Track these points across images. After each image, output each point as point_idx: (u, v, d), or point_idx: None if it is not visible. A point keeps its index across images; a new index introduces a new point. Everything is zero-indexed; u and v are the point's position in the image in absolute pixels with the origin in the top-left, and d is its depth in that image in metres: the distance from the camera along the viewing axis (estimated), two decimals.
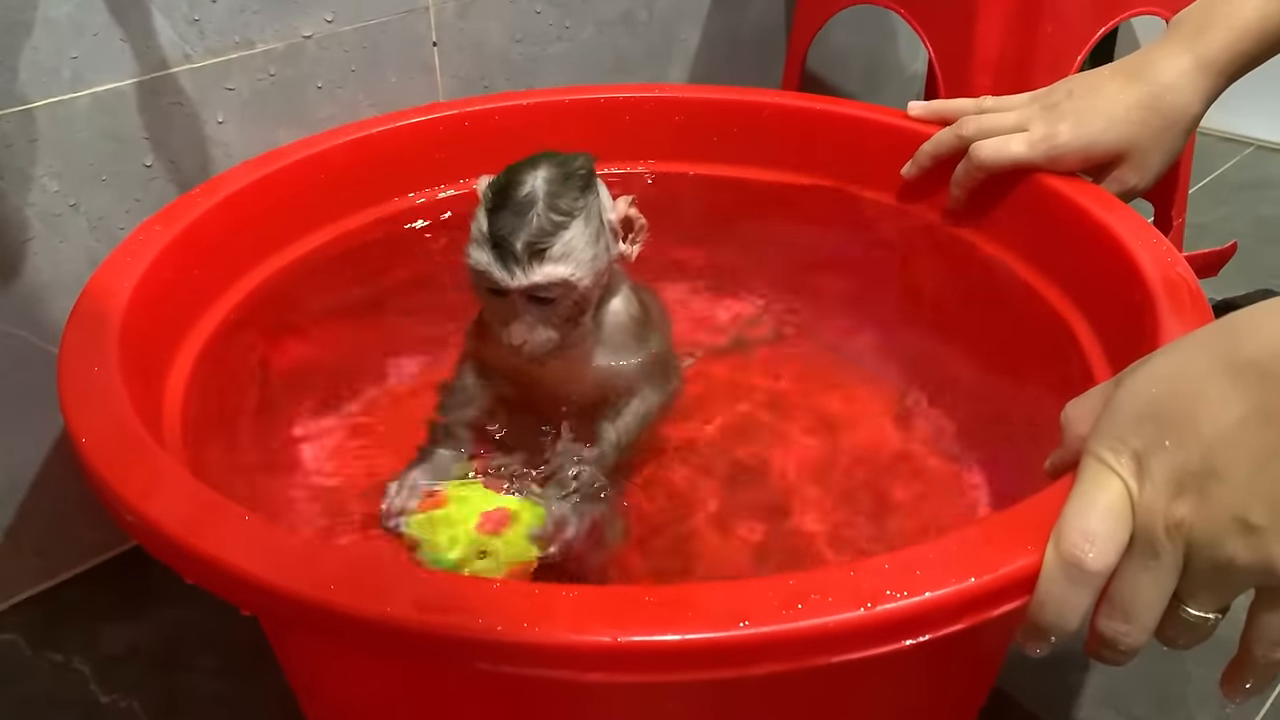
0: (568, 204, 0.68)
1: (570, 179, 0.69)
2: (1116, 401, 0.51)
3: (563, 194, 0.68)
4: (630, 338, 0.77)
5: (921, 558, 0.49)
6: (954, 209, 0.88)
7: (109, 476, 0.55)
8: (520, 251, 0.67)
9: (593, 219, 0.70)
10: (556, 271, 0.67)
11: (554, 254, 0.67)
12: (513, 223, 0.67)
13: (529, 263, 0.67)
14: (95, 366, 0.64)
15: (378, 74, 0.97)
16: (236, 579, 0.49)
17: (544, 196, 0.67)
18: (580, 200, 0.69)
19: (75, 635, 0.86)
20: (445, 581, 0.48)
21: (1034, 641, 0.51)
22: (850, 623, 0.46)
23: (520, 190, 0.68)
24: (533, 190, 0.68)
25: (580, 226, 0.69)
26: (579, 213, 0.69)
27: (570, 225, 0.68)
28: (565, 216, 0.68)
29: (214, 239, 0.80)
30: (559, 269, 0.68)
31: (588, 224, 0.69)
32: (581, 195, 0.69)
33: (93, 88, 0.80)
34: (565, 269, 0.68)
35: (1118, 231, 0.75)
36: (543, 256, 0.67)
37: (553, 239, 0.67)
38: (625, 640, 0.45)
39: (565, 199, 0.68)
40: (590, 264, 0.69)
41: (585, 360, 0.76)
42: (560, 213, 0.68)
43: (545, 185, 0.68)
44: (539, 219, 0.67)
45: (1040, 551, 0.49)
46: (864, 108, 0.96)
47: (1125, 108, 0.79)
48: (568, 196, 0.68)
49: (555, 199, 0.68)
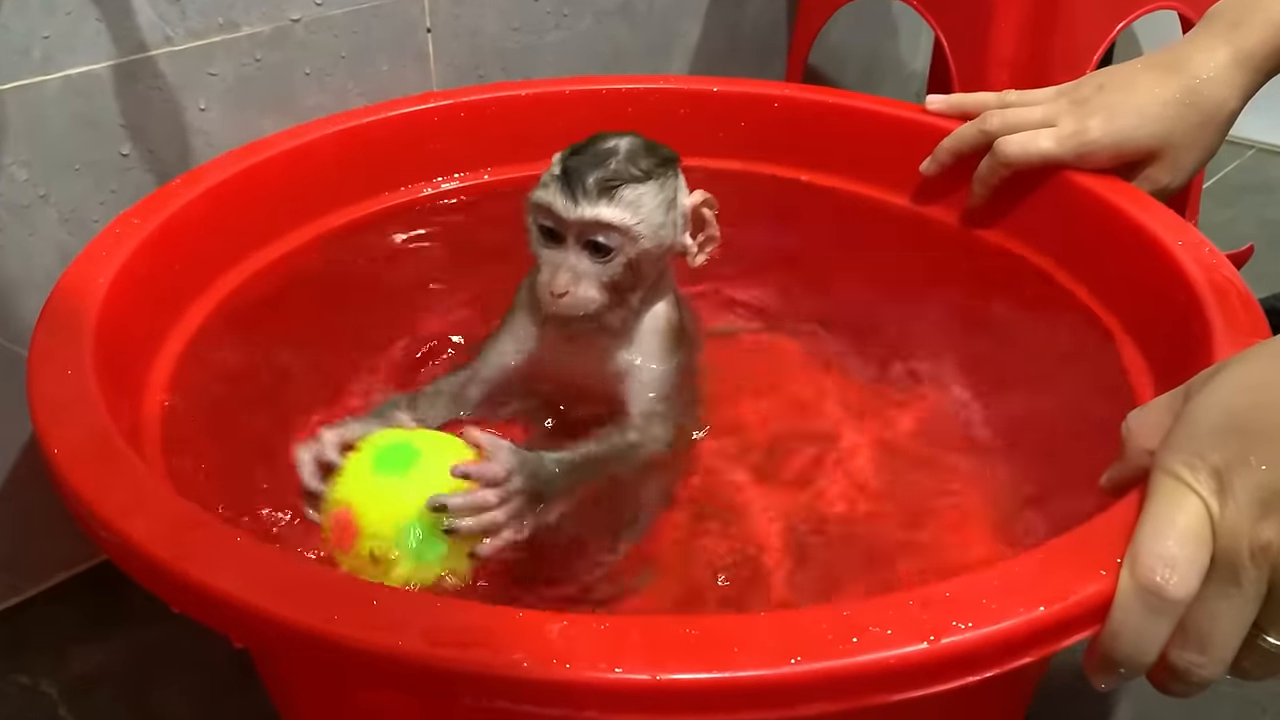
0: (647, 164, 0.67)
1: (654, 150, 0.68)
2: (1191, 413, 0.47)
3: (644, 156, 0.67)
4: (663, 345, 0.73)
5: (986, 585, 0.45)
6: (976, 207, 0.85)
7: (86, 493, 0.50)
8: (590, 184, 0.65)
9: (668, 190, 0.68)
10: (621, 214, 0.65)
11: (624, 196, 0.65)
12: (589, 161, 0.66)
13: (596, 196, 0.65)
14: (68, 370, 0.59)
15: (369, 61, 0.92)
16: (229, 608, 0.44)
17: (626, 151, 0.66)
18: (660, 169, 0.67)
19: (43, 656, 0.81)
20: (461, 611, 0.44)
21: (1104, 675, 0.47)
22: (913, 658, 0.42)
23: (605, 143, 0.67)
24: (615, 146, 0.67)
25: (655, 188, 0.67)
26: (657, 176, 0.67)
27: (646, 182, 0.66)
28: (643, 173, 0.66)
29: (195, 233, 0.75)
30: (625, 213, 0.65)
31: (662, 190, 0.67)
32: (662, 167, 0.68)
33: (65, 70, 0.75)
34: (631, 216, 0.65)
35: (1157, 232, 0.72)
36: (612, 195, 0.65)
37: (625, 184, 0.65)
38: (665, 678, 0.41)
39: (646, 160, 0.67)
40: (656, 228, 0.67)
41: (608, 353, 0.72)
42: (639, 169, 0.66)
43: (629, 145, 0.67)
44: (617, 164, 0.66)
45: (1113, 576, 0.45)
46: (879, 101, 0.92)
47: (1160, 103, 0.76)
48: (649, 159, 0.67)
49: (637, 156, 0.67)
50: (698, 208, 0.70)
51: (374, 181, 0.89)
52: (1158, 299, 0.69)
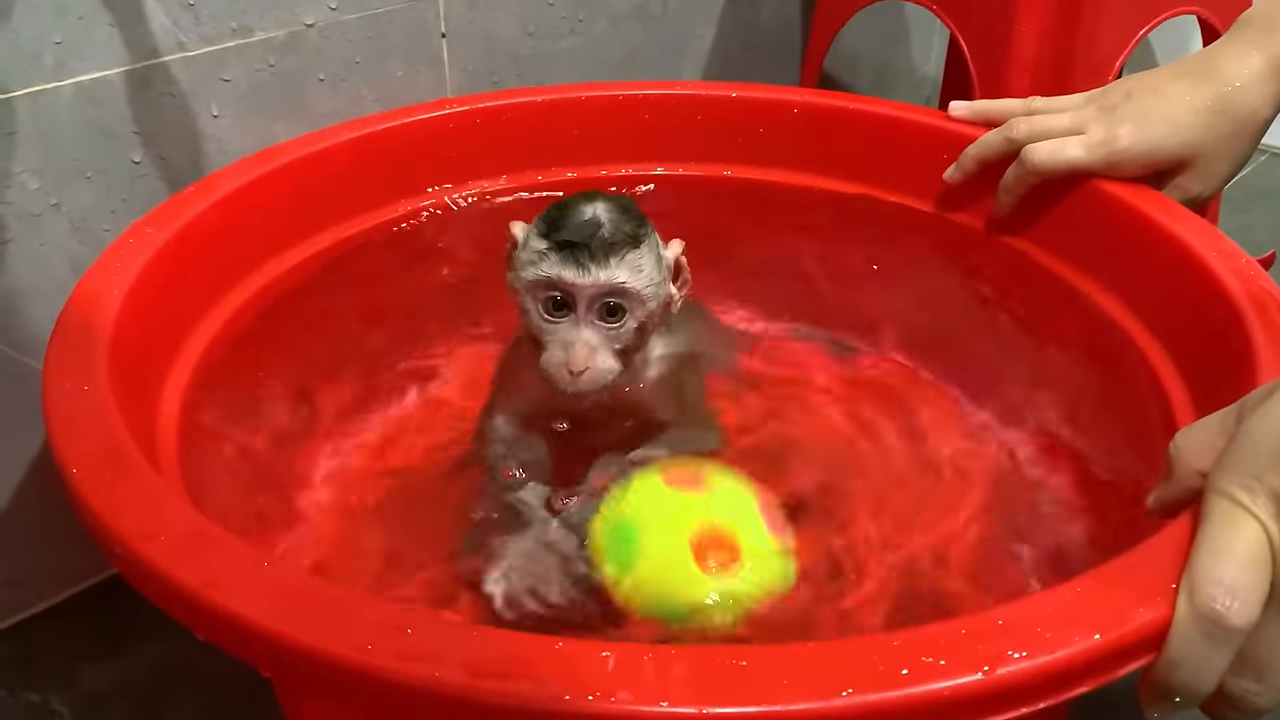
0: (633, 227, 0.66)
1: (628, 210, 0.67)
2: (1248, 433, 0.46)
3: (626, 219, 0.66)
4: (669, 389, 0.73)
5: (1039, 612, 0.44)
6: (1001, 216, 0.83)
7: (105, 514, 0.48)
8: (595, 249, 0.64)
9: (654, 247, 0.68)
10: (631, 275, 0.65)
11: (628, 260, 0.65)
12: (580, 229, 0.65)
13: (605, 260, 0.64)
14: (84, 385, 0.57)
15: (383, 66, 0.91)
16: (257, 637, 0.43)
17: (608, 217, 0.65)
18: (643, 229, 0.67)
19: (53, 673, 0.79)
20: (501, 641, 0.42)
21: (1159, 705, 0.46)
22: (967, 689, 0.41)
23: (582, 213, 0.65)
24: (595, 214, 0.65)
25: (647, 248, 0.67)
26: (644, 237, 0.67)
27: (640, 244, 0.66)
28: (633, 235, 0.66)
29: (210, 242, 0.74)
30: (633, 274, 0.65)
31: (651, 249, 0.68)
32: (642, 226, 0.67)
33: (77, 76, 0.74)
34: (637, 278, 0.65)
35: (1191, 243, 0.70)
36: (621, 257, 0.65)
37: (626, 245, 0.65)
38: (712, 712, 0.40)
39: (629, 224, 0.66)
40: (657, 285, 0.67)
41: (624, 408, 0.71)
42: (628, 232, 0.66)
43: (606, 212, 0.66)
44: (612, 229, 0.65)
45: (1170, 602, 0.44)
46: (901, 108, 0.91)
47: (1192, 111, 0.75)
48: (631, 222, 0.66)
49: (621, 221, 0.66)
50: (678, 258, 0.70)
51: (389, 188, 0.88)
52: (1193, 312, 0.68)
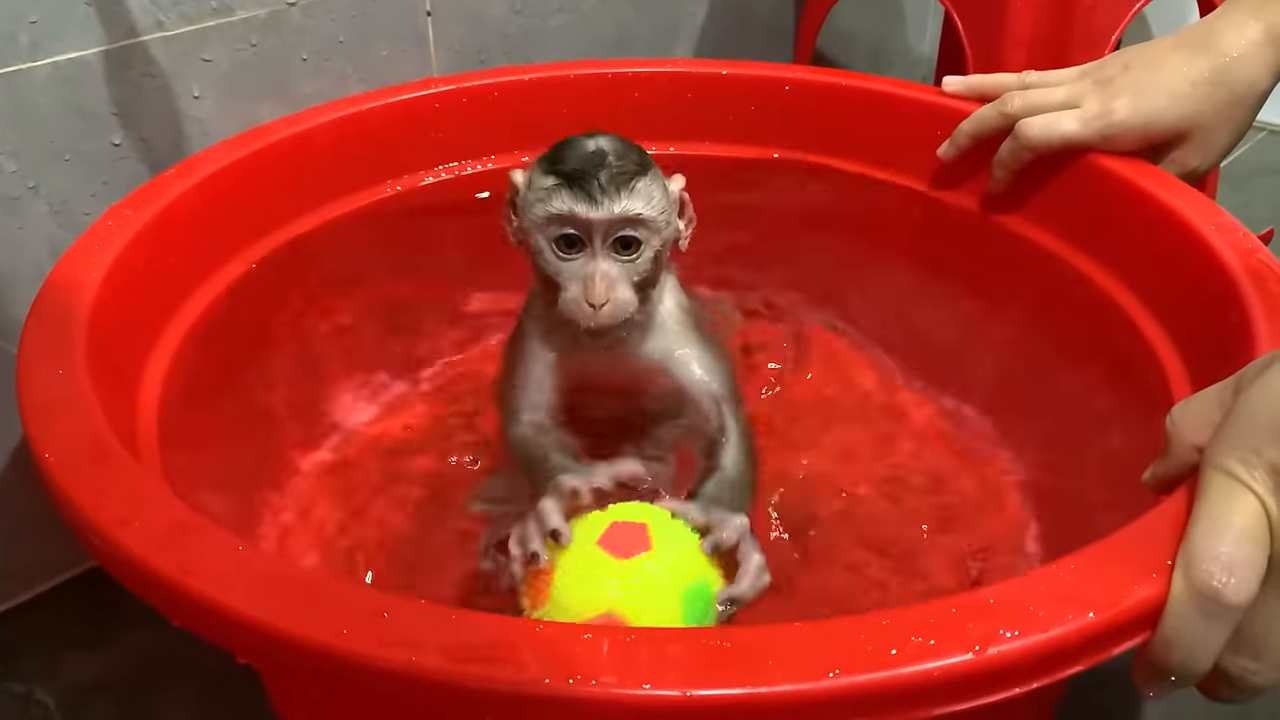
0: (637, 159, 0.65)
1: (629, 144, 0.66)
2: (1246, 407, 0.45)
3: (630, 151, 0.65)
4: (683, 329, 0.71)
5: (1032, 591, 0.43)
6: (996, 193, 0.82)
7: (79, 500, 0.47)
8: (605, 182, 0.63)
9: (660, 179, 0.67)
10: (643, 205, 0.63)
11: (639, 188, 0.64)
12: (588, 162, 0.63)
13: (616, 192, 0.63)
14: (59, 369, 0.56)
15: (367, 46, 0.89)
16: (231, 623, 0.42)
17: (612, 151, 0.64)
18: (645, 160, 0.66)
19: (37, 664, 0.78)
20: (481, 625, 0.41)
21: (1154, 683, 0.45)
22: (957, 669, 0.40)
23: (586, 147, 0.65)
24: (599, 147, 0.64)
25: (655, 177, 0.66)
26: (650, 166, 0.66)
27: (646, 173, 0.65)
28: (639, 167, 0.64)
29: (191, 225, 0.73)
30: (645, 204, 0.64)
31: (656, 180, 0.66)
32: (645, 155, 0.66)
33: (53, 56, 0.72)
34: (650, 207, 0.64)
35: (1188, 217, 0.69)
36: (631, 188, 0.63)
37: (635, 176, 0.64)
38: (697, 694, 0.39)
39: (634, 154, 0.65)
40: (668, 216, 0.66)
41: (636, 352, 0.70)
42: (633, 163, 0.64)
43: (610, 144, 0.65)
44: (620, 161, 0.64)
45: (1165, 579, 0.43)
46: (894, 84, 0.89)
47: (1189, 82, 0.73)
48: (635, 152, 0.65)
49: (625, 153, 0.65)
50: (681, 192, 0.69)
51: (375, 170, 0.86)
52: (1190, 286, 0.67)
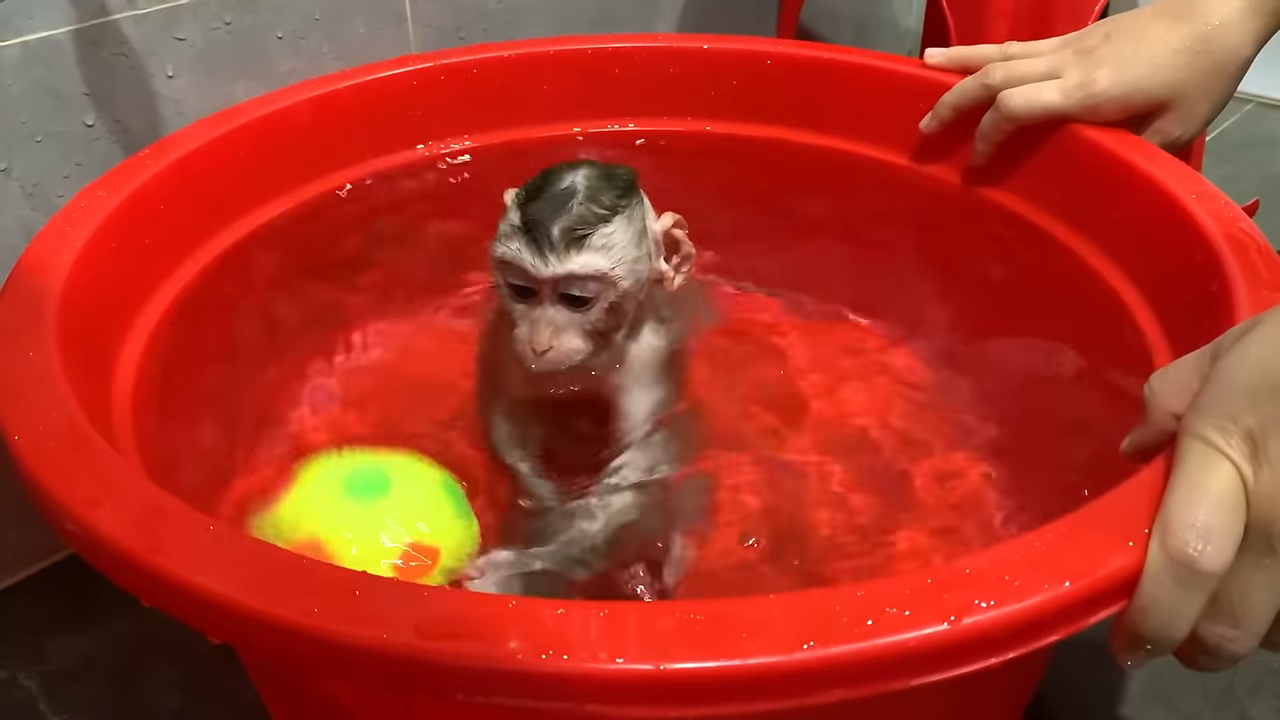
0: (610, 199, 0.63)
1: (613, 179, 0.65)
2: (1223, 374, 0.45)
3: (604, 191, 0.63)
4: (652, 372, 0.70)
5: (1007, 560, 0.42)
6: (978, 165, 0.82)
7: (48, 481, 0.47)
8: (557, 237, 0.61)
9: (636, 220, 0.65)
10: (596, 262, 0.62)
11: (595, 242, 0.62)
12: (550, 209, 0.62)
13: (565, 249, 0.61)
14: (30, 351, 0.55)
15: (344, 23, 0.88)
16: (201, 602, 0.42)
17: (585, 189, 0.63)
18: (624, 200, 0.64)
19: (20, 648, 0.78)
20: (451, 601, 0.41)
21: (1131, 652, 0.45)
22: (933, 640, 0.40)
23: (559, 184, 0.63)
24: (573, 184, 0.63)
25: (624, 223, 0.63)
26: (623, 210, 0.64)
27: (613, 220, 0.63)
28: (608, 211, 0.63)
29: (166, 206, 0.72)
30: (599, 259, 0.62)
31: (631, 223, 0.64)
32: (624, 197, 0.64)
33: (23, 36, 0.71)
34: (606, 261, 0.62)
35: (1170, 186, 0.68)
36: (582, 244, 0.62)
37: (594, 228, 0.62)
38: (670, 668, 0.38)
39: (608, 195, 0.63)
40: (632, 264, 0.64)
41: (597, 384, 0.69)
42: (603, 206, 0.63)
43: (586, 181, 0.63)
44: (580, 207, 0.62)
45: (1142, 548, 0.43)
46: (876, 56, 0.89)
47: (1171, 51, 0.73)
48: (610, 194, 0.63)
49: (597, 193, 0.63)
50: (669, 231, 0.67)
51: (352, 149, 0.85)
52: (1172, 255, 0.66)
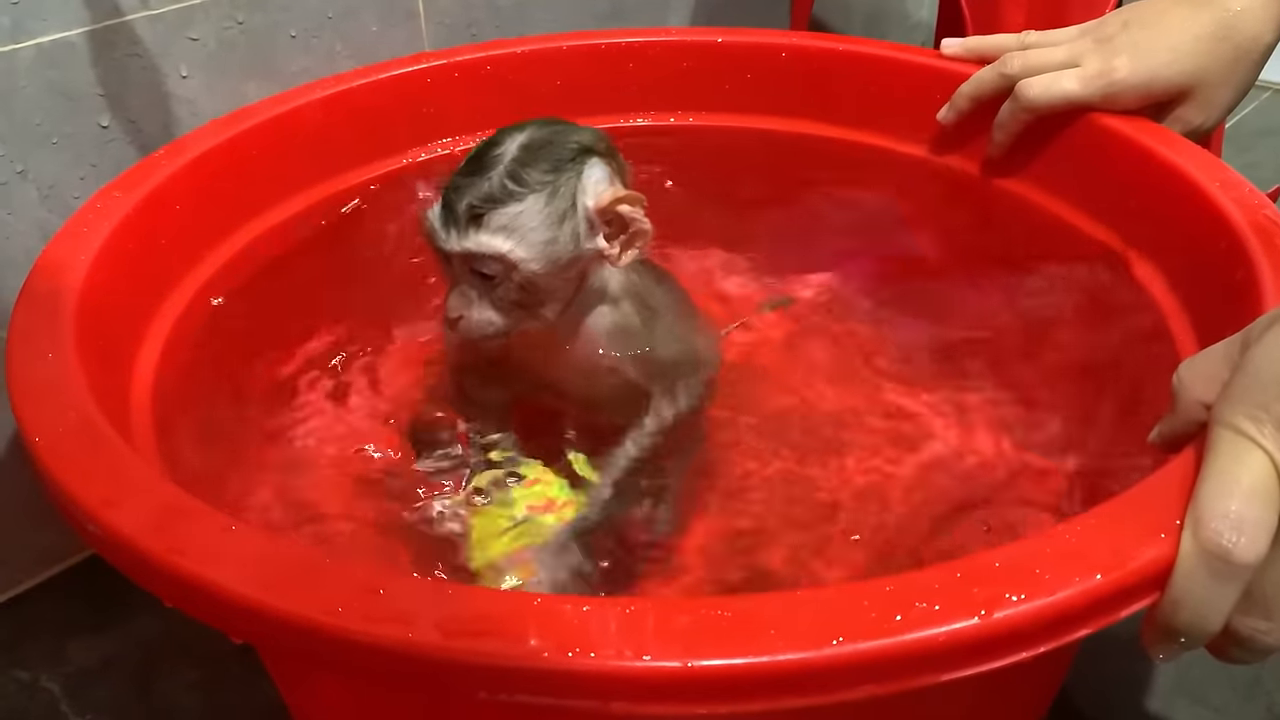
0: (532, 175, 0.61)
1: (549, 149, 0.62)
2: (1254, 363, 0.44)
3: (532, 164, 0.61)
4: (615, 345, 0.69)
5: (1037, 554, 0.42)
6: (996, 156, 0.81)
7: (67, 481, 0.47)
8: (461, 212, 0.61)
9: (559, 199, 0.62)
10: (493, 243, 0.61)
11: (493, 223, 0.61)
12: (465, 181, 0.62)
13: (466, 226, 0.61)
14: (49, 353, 0.55)
15: (356, 21, 0.88)
16: (223, 602, 0.41)
17: (509, 162, 0.61)
18: (549, 176, 0.62)
19: (42, 650, 0.78)
20: (475, 599, 0.41)
21: (1163, 646, 0.44)
22: (963, 635, 0.39)
23: (491, 151, 0.62)
24: (503, 153, 0.62)
25: (538, 203, 0.61)
26: (542, 188, 0.61)
27: (525, 199, 0.61)
28: (522, 189, 0.61)
29: (182, 206, 0.72)
30: (496, 241, 0.61)
31: (550, 203, 0.62)
32: (554, 171, 0.62)
33: (37, 38, 0.71)
34: (505, 243, 0.61)
35: (1192, 174, 0.68)
36: (479, 222, 0.61)
37: (497, 207, 0.61)
38: (698, 665, 0.38)
39: (533, 170, 0.61)
40: (541, 247, 0.62)
41: (571, 351, 0.69)
42: (519, 183, 0.61)
43: (518, 151, 0.62)
44: (491, 183, 0.61)
45: (1174, 540, 0.42)
46: (892, 47, 0.88)
47: (1192, 37, 0.72)
48: (537, 168, 0.61)
49: (521, 166, 0.61)
50: (611, 211, 0.63)
51: (366, 148, 0.85)
52: (1196, 244, 0.66)
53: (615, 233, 0.64)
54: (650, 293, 0.71)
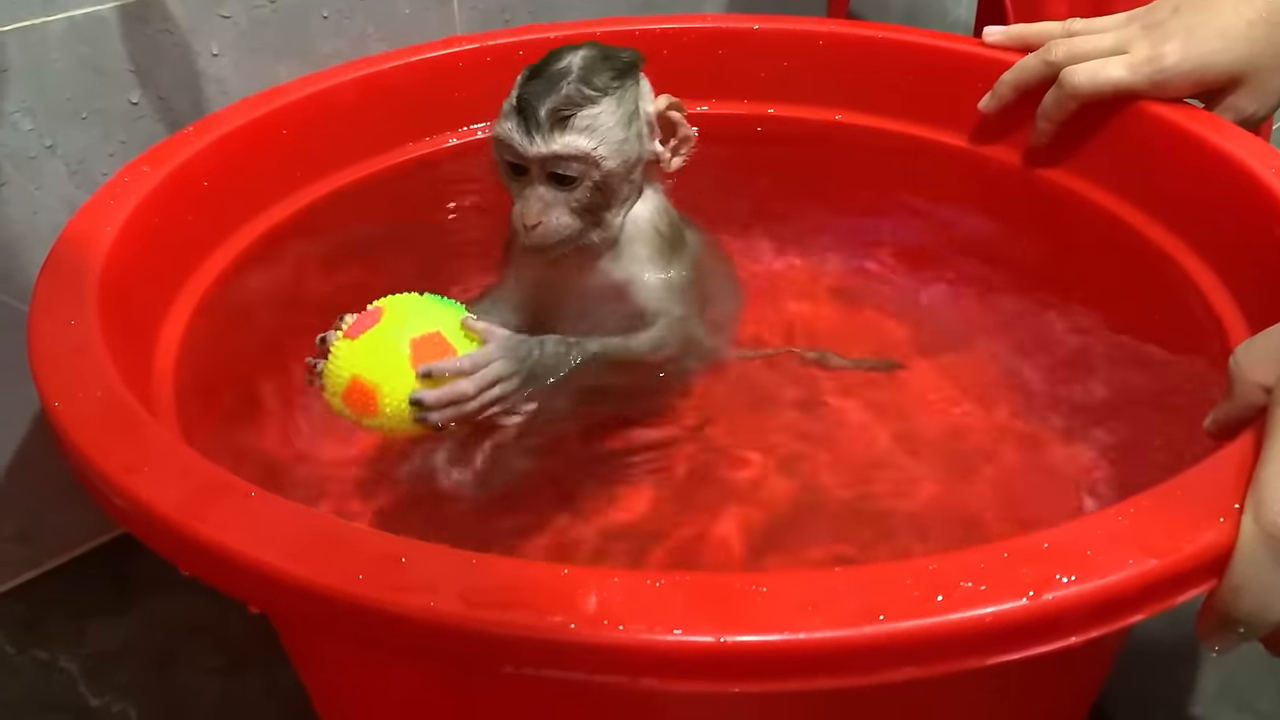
0: (602, 81, 0.65)
1: (609, 60, 0.66)
2: None
3: (599, 71, 0.65)
4: (654, 252, 0.70)
5: (1089, 535, 0.40)
6: (1040, 145, 0.79)
7: (88, 448, 0.46)
8: (543, 117, 0.63)
9: (627, 103, 0.66)
10: (579, 142, 0.64)
11: (578, 123, 0.64)
12: (541, 89, 0.64)
13: (550, 130, 0.64)
14: (72, 320, 0.54)
15: (389, 3, 0.87)
16: (242, 569, 0.40)
17: (578, 70, 0.65)
18: (616, 81, 0.66)
19: (62, 631, 0.77)
20: (502, 569, 0.39)
21: (1220, 636, 0.42)
22: (1010, 616, 0.37)
23: (556, 64, 0.65)
24: (568, 64, 0.65)
25: (612, 105, 0.65)
26: (613, 91, 0.65)
27: (601, 101, 0.65)
28: (598, 92, 0.65)
29: (209, 183, 0.71)
30: (582, 140, 0.64)
31: (620, 105, 0.66)
32: (619, 78, 0.66)
33: (68, 11, 0.71)
34: (589, 142, 0.64)
35: (1246, 161, 0.66)
36: (566, 124, 0.64)
37: (580, 109, 0.64)
38: (731, 640, 0.36)
39: (601, 76, 0.65)
40: (619, 146, 0.66)
41: (600, 273, 0.70)
42: (593, 87, 0.65)
43: (583, 62, 0.65)
44: (569, 87, 0.64)
45: (1233, 523, 0.40)
46: (932, 35, 0.86)
47: (1245, 23, 0.70)
48: (604, 75, 0.65)
49: (590, 74, 0.65)
50: (663, 113, 0.68)
51: (395, 131, 0.84)
52: (1249, 234, 0.63)
53: (666, 137, 0.69)
54: (686, 225, 0.74)
